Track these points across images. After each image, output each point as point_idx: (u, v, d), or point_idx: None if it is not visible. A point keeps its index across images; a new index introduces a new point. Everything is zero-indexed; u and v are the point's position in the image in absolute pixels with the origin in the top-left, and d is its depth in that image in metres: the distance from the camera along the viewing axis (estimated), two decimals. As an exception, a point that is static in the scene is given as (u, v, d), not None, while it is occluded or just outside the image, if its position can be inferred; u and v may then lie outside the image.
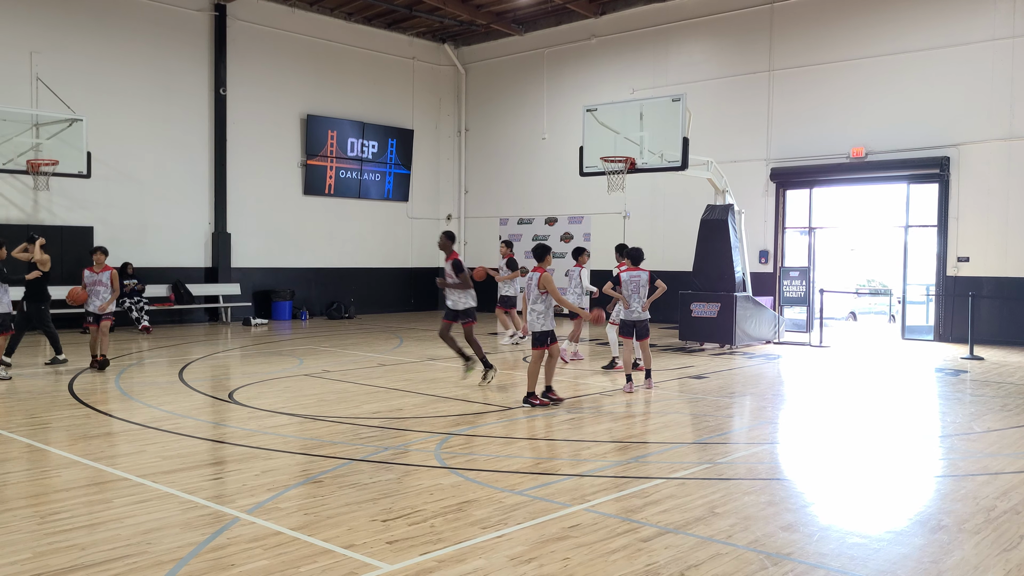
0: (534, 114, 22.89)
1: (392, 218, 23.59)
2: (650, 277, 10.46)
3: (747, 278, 16.01)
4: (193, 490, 5.83)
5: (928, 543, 4.93)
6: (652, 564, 4.52)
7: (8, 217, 16.85)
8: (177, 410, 8.83)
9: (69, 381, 10.66)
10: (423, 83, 24.14)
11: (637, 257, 10.62)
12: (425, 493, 5.79)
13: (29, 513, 5.33)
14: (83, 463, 6.57)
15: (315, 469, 6.45)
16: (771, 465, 6.97)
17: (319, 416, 8.54)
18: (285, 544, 4.77)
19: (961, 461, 6.99)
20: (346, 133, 22.07)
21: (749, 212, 17.88)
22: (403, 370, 11.96)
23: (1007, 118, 15.68)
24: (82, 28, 17.71)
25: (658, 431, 8.32)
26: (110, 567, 4.41)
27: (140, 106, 18.55)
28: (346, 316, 21.44)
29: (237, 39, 20.03)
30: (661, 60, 20.26)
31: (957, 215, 16.32)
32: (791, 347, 15.41)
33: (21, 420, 8.22)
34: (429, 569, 4.41)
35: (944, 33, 16.34)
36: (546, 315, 9.44)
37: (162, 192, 18.94)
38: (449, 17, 21.87)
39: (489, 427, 8.13)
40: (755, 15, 18.80)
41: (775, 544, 4.87)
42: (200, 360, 12.91)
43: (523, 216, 23.31)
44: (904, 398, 10.42)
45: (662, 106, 14.46)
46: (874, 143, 17.14)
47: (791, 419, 9.01)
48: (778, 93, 18.50)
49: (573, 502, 5.62)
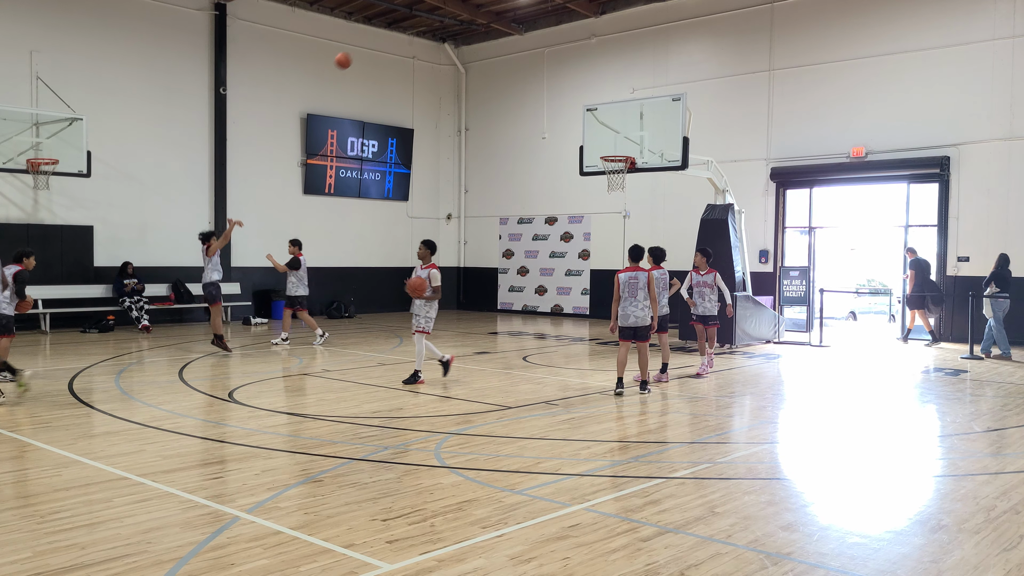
0: (534, 114, 22.88)
1: (392, 217, 23.58)
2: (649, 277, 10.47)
3: (747, 278, 16.02)
4: (193, 489, 5.83)
5: (928, 543, 4.93)
6: (652, 564, 4.52)
7: (8, 216, 16.84)
8: (177, 409, 8.83)
9: (69, 380, 10.66)
10: (423, 82, 24.13)
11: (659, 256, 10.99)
12: (425, 493, 5.79)
13: (29, 512, 5.32)
14: (83, 462, 6.57)
15: (315, 468, 6.45)
16: (771, 465, 6.97)
17: (319, 416, 8.54)
18: (285, 543, 4.77)
19: (961, 461, 6.99)
20: (346, 132, 22.07)
21: (749, 212, 17.89)
22: (403, 370, 11.96)
23: (1007, 118, 15.68)
24: (82, 28, 17.71)
25: (658, 431, 8.32)
26: (110, 566, 4.41)
27: (140, 105, 18.54)
28: (346, 315, 21.44)
29: (237, 38, 20.02)
30: (661, 60, 20.26)
31: (957, 215, 16.31)
32: (791, 347, 15.41)
33: (21, 420, 8.22)
34: (429, 569, 4.41)
35: (944, 33, 16.33)
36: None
37: (162, 191, 18.93)
38: (449, 16, 21.86)
39: (489, 427, 8.13)
40: (755, 15, 18.79)
41: (775, 544, 4.87)
42: (200, 359, 12.90)
43: (523, 216, 23.31)
44: (904, 398, 10.42)
45: (662, 105, 14.46)
46: (874, 143, 17.14)
47: (791, 419, 9.01)
48: (778, 93, 18.50)
49: (573, 502, 5.62)
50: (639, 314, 9.90)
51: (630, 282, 9.93)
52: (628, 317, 9.95)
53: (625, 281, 9.95)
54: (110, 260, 17.88)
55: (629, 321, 9.94)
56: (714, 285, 11.92)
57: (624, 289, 9.94)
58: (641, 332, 9.99)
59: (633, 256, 10.14)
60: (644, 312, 9.92)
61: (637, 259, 10.12)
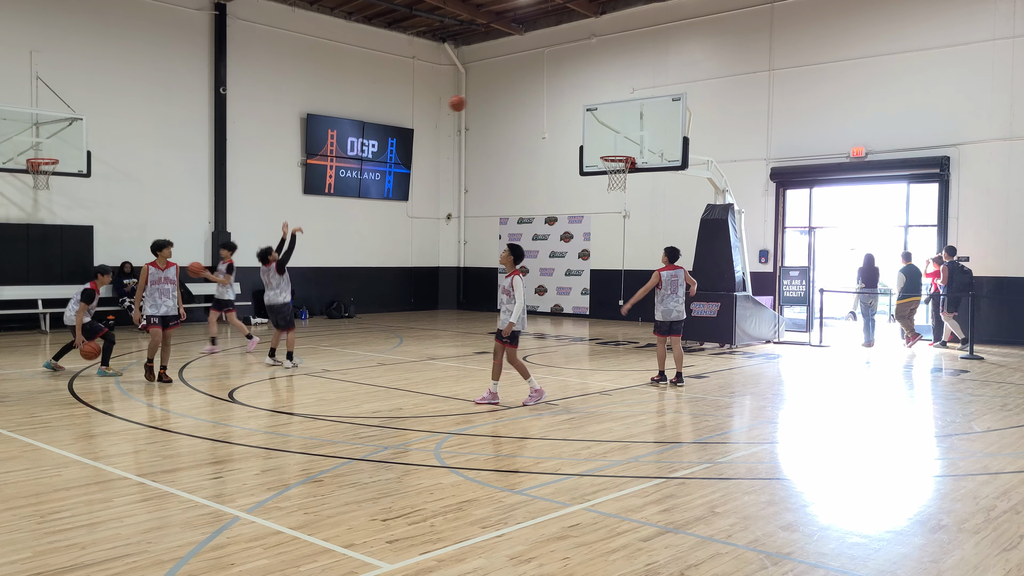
0: (534, 114, 22.88)
1: (392, 217, 23.58)
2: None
3: (747, 278, 16.01)
4: (193, 489, 5.83)
5: (928, 543, 4.93)
6: (652, 564, 4.52)
7: (8, 216, 16.84)
8: (177, 409, 8.83)
9: (69, 380, 10.66)
10: (423, 82, 24.13)
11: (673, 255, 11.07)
12: (425, 492, 5.79)
13: (29, 512, 5.32)
14: (83, 462, 6.57)
15: (315, 468, 6.45)
16: (771, 465, 6.97)
17: (319, 415, 8.54)
18: (285, 543, 4.77)
19: (961, 461, 6.99)
20: (346, 132, 22.06)
21: (749, 212, 17.88)
22: (403, 369, 11.96)
23: (1007, 118, 15.68)
24: (82, 27, 17.71)
25: (658, 431, 8.32)
26: (110, 566, 4.41)
27: (140, 105, 18.54)
28: (346, 315, 21.44)
29: (237, 38, 20.02)
30: (661, 59, 20.25)
31: (957, 215, 16.31)
32: (791, 347, 15.41)
33: (21, 419, 8.22)
34: (429, 568, 4.41)
35: (944, 33, 16.33)
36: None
37: (162, 191, 18.93)
38: (449, 16, 21.86)
39: (489, 427, 8.13)
40: (755, 14, 18.79)
41: (775, 544, 4.87)
42: (200, 359, 12.90)
43: (523, 216, 23.31)
44: (904, 398, 10.42)
45: (662, 105, 14.46)
46: (874, 143, 17.14)
47: (791, 419, 9.01)
48: (778, 93, 18.50)
49: (573, 502, 5.62)
50: (680, 308, 10.66)
51: (672, 279, 10.63)
52: (671, 312, 10.62)
53: (668, 278, 10.63)
54: (110, 260, 17.85)
55: (672, 316, 10.63)
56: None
57: (667, 286, 10.61)
58: (677, 327, 10.70)
59: (671, 256, 10.79)
60: (683, 307, 10.73)
61: (674, 259, 10.80)
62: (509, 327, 8.96)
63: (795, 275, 16.90)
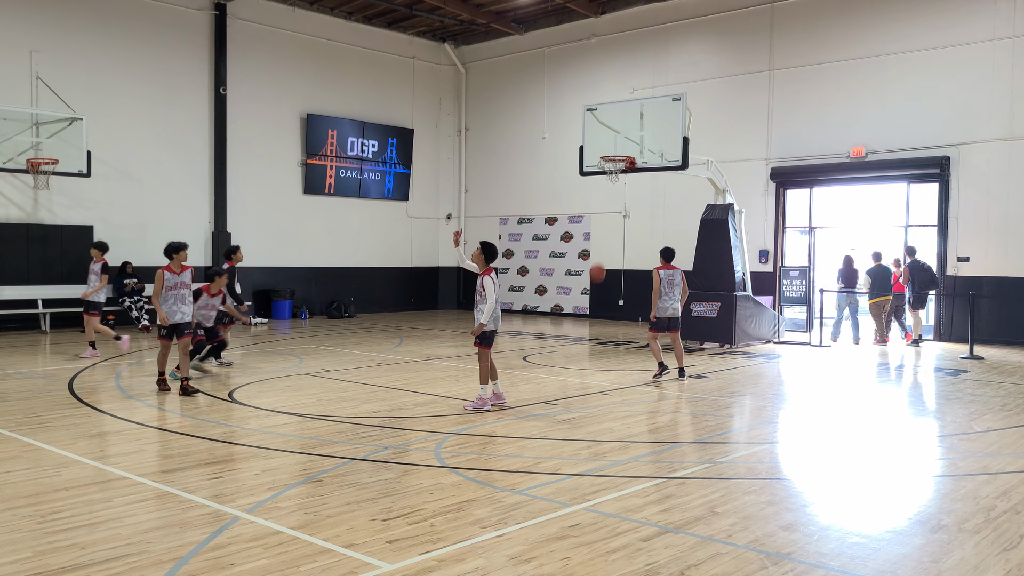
0: (534, 114, 22.88)
1: (392, 217, 23.58)
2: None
3: (747, 278, 16.01)
4: (193, 489, 5.83)
5: (928, 543, 4.93)
6: (652, 564, 4.52)
7: (8, 216, 16.84)
8: (177, 409, 8.83)
9: (69, 380, 10.65)
10: (423, 82, 24.13)
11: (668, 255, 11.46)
12: (425, 492, 5.79)
13: (29, 512, 5.32)
14: (83, 462, 6.57)
15: (315, 468, 6.45)
16: (771, 465, 6.97)
17: (319, 415, 8.54)
18: (285, 543, 4.77)
19: (961, 461, 6.99)
20: (346, 132, 22.06)
21: (749, 212, 17.88)
22: (403, 369, 11.96)
23: (1007, 118, 15.68)
24: (82, 27, 17.70)
25: (658, 431, 8.32)
26: (110, 566, 4.41)
27: (140, 105, 18.54)
28: (346, 315, 21.44)
29: (237, 38, 20.02)
30: (661, 60, 20.25)
31: (957, 215, 16.31)
32: (791, 347, 15.41)
33: (21, 419, 8.22)
34: (429, 568, 4.41)
35: (944, 33, 16.33)
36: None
37: (162, 191, 18.93)
38: (449, 16, 21.86)
39: (489, 427, 8.13)
40: (755, 14, 18.79)
41: (775, 544, 4.87)
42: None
43: (523, 215, 23.31)
44: (904, 398, 10.42)
45: (662, 105, 14.46)
46: (874, 143, 17.13)
47: (791, 419, 9.00)
48: (778, 93, 18.50)
49: (573, 502, 5.62)
50: (676, 306, 11.10)
51: (668, 278, 11.05)
52: (666, 309, 11.05)
53: (665, 277, 11.04)
54: (110, 260, 17.76)
55: (667, 313, 11.05)
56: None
57: (664, 284, 11.01)
58: (675, 323, 11.16)
59: (666, 257, 11.26)
60: (679, 305, 11.17)
61: (669, 259, 11.25)
62: (479, 327, 8.72)
63: (795, 275, 16.90)
